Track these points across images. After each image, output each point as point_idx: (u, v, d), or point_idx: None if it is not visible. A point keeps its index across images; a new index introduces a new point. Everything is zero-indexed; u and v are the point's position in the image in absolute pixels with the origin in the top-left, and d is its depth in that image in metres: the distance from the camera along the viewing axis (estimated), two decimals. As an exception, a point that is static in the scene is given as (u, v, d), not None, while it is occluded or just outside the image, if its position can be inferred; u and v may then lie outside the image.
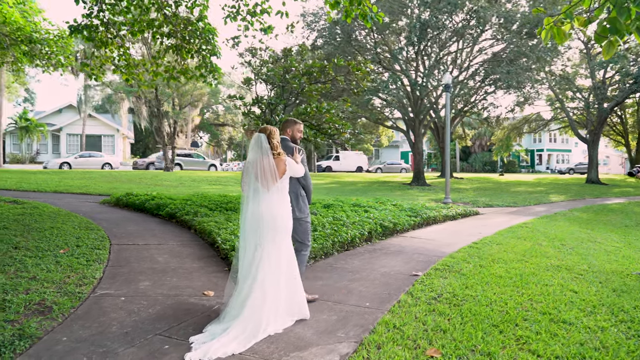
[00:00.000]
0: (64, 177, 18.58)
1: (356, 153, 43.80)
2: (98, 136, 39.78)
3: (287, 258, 3.75)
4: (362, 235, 7.29)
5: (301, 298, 3.78)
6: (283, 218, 3.75)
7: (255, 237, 3.66)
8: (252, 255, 3.63)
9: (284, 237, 3.75)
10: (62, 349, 3.11)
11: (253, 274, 3.58)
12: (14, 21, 12.14)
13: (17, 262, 4.99)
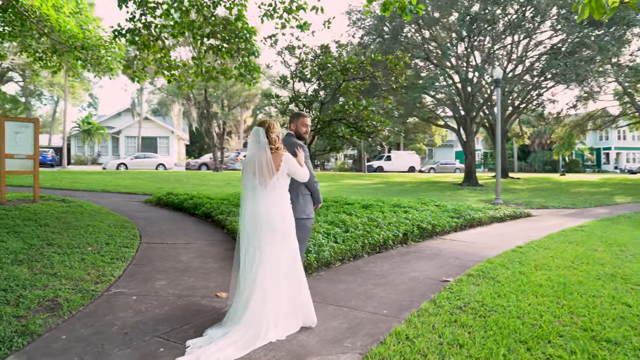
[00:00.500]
0: (116, 178, 19.42)
1: (408, 153, 42.91)
2: (154, 138, 41.51)
3: (289, 260, 3.52)
4: (396, 237, 6.94)
5: (306, 303, 3.54)
6: (282, 217, 3.53)
7: (254, 238, 3.46)
8: (252, 257, 3.44)
9: (283, 238, 3.52)
10: (58, 348, 3.06)
11: (253, 277, 3.39)
12: (69, 30, 12.72)
13: (46, 258, 5.11)
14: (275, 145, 3.58)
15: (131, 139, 41.02)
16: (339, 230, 6.58)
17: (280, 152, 3.57)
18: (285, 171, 3.55)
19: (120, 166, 30.69)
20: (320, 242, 5.87)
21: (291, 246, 3.56)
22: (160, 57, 11.07)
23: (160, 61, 11.08)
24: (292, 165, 3.60)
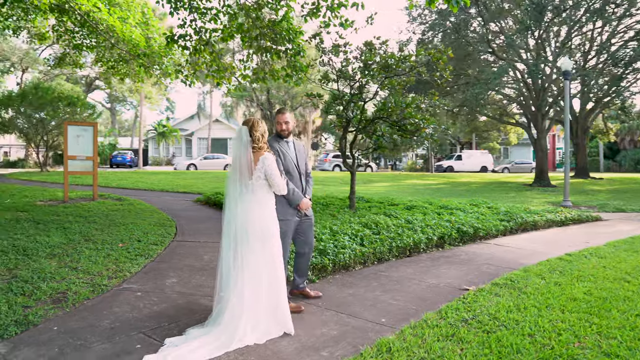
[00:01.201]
0: (178, 178, 20.39)
1: (481, 152, 40.97)
2: (224, 139, 43.20)
3: (269, 266, 3.40)
4: (430, 240, 6.57)
5: (285, 310, 3.39)
6: (261, 222, 3.41)
7: (235, 242, 3.38)
8: (232, 260, 3.37)
9: (263, 243, 3.40)
10: (44, 338, 3.19)
11: (233, 281, 3.32)
12: (133, 39, 13.50)
13: (77, 253, 5.41)
14: (258, 144, 3.48)
15: (203, 141, 43.03)
16: (368, 232, 6.35)
17: (262, 152, 3.47)
18: (261, 171, 3.43)
19: (190, 167, 32.29)
20: (344, 244, 5.68)
21: (272, 252, 3.43)
22: (210, 60, 11.41)
23: (211, 65, 11.42)
24: (269, 166, 3.44)
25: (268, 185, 3.49)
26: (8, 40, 18.73)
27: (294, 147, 4.10)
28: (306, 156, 4.22)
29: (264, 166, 3.41)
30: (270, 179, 3.44)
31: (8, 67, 23.25)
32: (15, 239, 5.88)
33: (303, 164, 4.14)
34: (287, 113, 4.06)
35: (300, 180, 4.07)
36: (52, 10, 11.88)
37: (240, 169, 3.44)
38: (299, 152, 4.12)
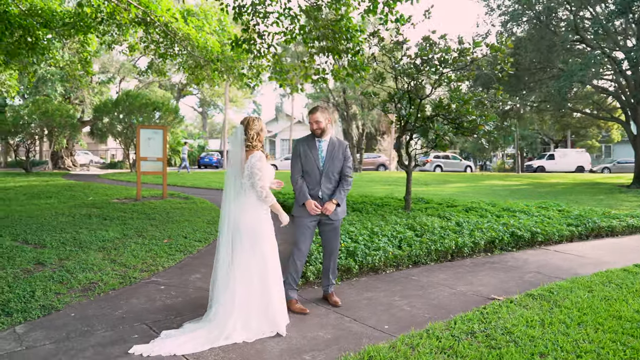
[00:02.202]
0: None
1: (576, 151, 37.55)
2: (307, 140, 44.04)
3: (260, 266, 3.38)
4: (477, 245, 6.14)
5: (275, 311, 3.35)
6: (253, 221, 3.40)
7: (229, 241, 3.42)
8: (225, 259, 3.41)
9: (254, 241, 3.39)
10: (59, 323, 3.48)
11: (226, 279, 3.36)
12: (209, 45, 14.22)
13: (123, 246, 5.84)
14: (252, 142, 3.48)
15: (285, 142, 44.25)
16: (410, 234, 6.11)
17: (252, 152, 3.46)
18: (248, 169, 3.41)
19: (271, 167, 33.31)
20: (378, 246, 5.51)
21: (262, 251, 3.41)
22: (273, 63, 11.70)
23: (275, 67, 11.70)
24: (252, 165, 3.40)
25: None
26: (107, 53, 20.78)
27: (327, 148, 4.02)
28: (344, 158, 4.07)
29: (250, 164, 3.41)
30: (251, 177, 3.42)
31: (109, 78, 25.92)
32: (79, 233, 6.48)
33: (332, 166, 4.00)
34: (317, 112, 3.97)
35: (319, 182, 3.97)
36: (139, 24, 12.90)
37: (235, 167, 3.47)
38: (331, 152, 4.00)
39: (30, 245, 5.77)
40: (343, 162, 4.08)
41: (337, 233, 4.10)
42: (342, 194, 4.02)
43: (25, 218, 7.54)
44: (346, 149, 4.13)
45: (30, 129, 17.51)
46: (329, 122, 4.07)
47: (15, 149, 18.78)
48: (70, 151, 24.33)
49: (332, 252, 4.11)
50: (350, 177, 4.12)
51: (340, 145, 4.11)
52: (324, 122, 3.99)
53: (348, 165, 4.11)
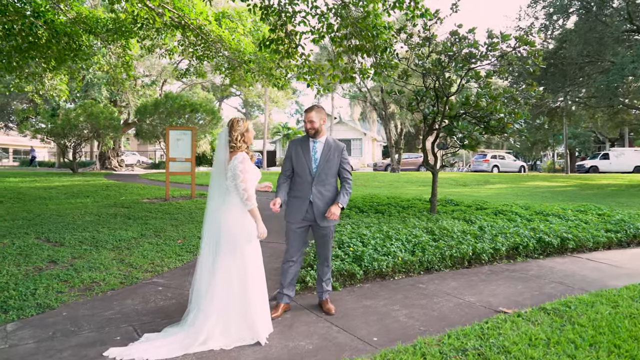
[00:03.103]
0: None
1: (635, 150, 35.14)
2: (347, 140, 43.78)
3: (240, 271, 3.27)
4: (497, 251, 5.78)
5: (254, 318, 3.23)
6: (234, 224, 3.30)
7: (210, 244, 3.35)
8: (206, 263, 3.34)
9: (235, 246, 3.29)
10: (49, 322, 3.53)
11: (205, 284, 3.29)
12: (242, 46, 14.34)
13: (137, 246, 5.93)
14: (236, 144, 3.39)
15: (326, 142, 44.13)
16: (426, 239, 5.84)
17: (237, 152, 3.36)
18: (231, 171, 3.31)
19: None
20: (388, 251, 5.29)
21: (243, 256, 3.30)
22: (301, 63, 11.63)
23: (303, 67, 11.64)
24: (234, 167, 3.29)
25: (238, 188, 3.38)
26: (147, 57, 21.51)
27: (322, 149, 3.88)
28: (340, 160, 3.91)
29: (232, 165, 3.31)
30: (234, 179, 3.31)
31: (152, 81, 26.85)
32: (99, 232, 6.65)
33: (326, 168, 3.84)
34: (312, 112, 3.83)
35: (311, 184, 3.82)
36: (177, 27, 13.18)
37: (219, 170, 3.40)
38: (326, 154, 3.85)
39: (51, 243, 5.97)
40: (339, 165, 3.91)
41: (328, 241, 3.93)
42: (346, 198, 3.87)
43: (55, 216, 7.85)
44: (342, 151, 3.95)
45: (78, 130, 18.44)
46: (324, 122, 3.92)
47: (65, 150, 19.85)
48: (116, 152, 25.42)
49: (324, 259, 3.96)
50: (350, 179, 3.98)
51: (336, 148, 3.93)
52: (318, 122, 3.85)
53: (346, 168, 3.95)
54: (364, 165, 42.25)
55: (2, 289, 4.15)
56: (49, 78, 15.69)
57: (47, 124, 19.51)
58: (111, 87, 22.10)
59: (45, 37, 11.29)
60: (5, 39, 10.79)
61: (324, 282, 3.99)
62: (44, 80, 15.70)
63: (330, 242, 3.96)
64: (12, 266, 4.84)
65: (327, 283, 4.02)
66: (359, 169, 34.43)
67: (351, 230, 6.41)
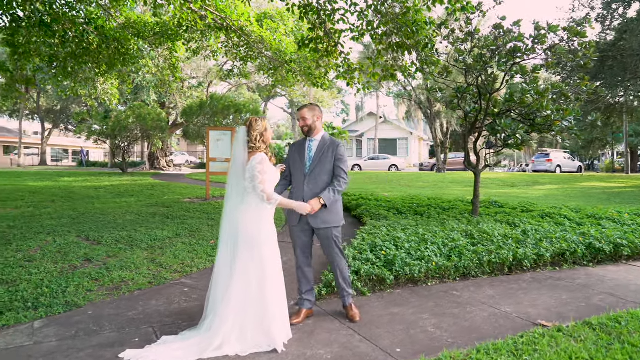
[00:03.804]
0: None
1: None
2: (393, 140, 43.17)
3: (257, 273, 3.18)
4: (541, 257, 5.40)
5: (271, 323, 3.12)
6: (252, 225, 3.22)
7: (228, 246, 3.27)
8: (224, 266, 3.26)
9: (252, 248, 3.20)
10: (74, 320, 3.59)
11: (222, 288, 3.22)
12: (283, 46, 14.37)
13: (170, 246, 6.00)
14: (255, 144, 3.30)
15: (372, 141, 43.76)
16: (464, 243, 5.55)
17: (255, 152, 3.28)
18: (249, 172, 3.22)
19: (354, 167, 33.13)
20: (422, 255, 5.06)
21: (261, 259, 3.21)
22: (341, 61, 11.51)
23: (343, 65, 11.52)
24: (253, 167, 3.20)
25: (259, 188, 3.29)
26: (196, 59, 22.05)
27: (317, 147, 3.75)
28: (335, 158, 3.72)
29: (250, 166, 3.23)
30: (252, 180, 3.22)
31: (199, 83, 27.56)
32: (136, 231, 6.80)
33: (320, 166, 3.67)
34: (305, 109, 3.71)
35: (303, 183, 3.68)
36: (220, 29, 13.39)
37: (237, 170, 3.33)
38: (319, 152, 3.71)
39: (89, 241, 6.15)
40: (333, 162, 3.69)
41: (330, 244, 3.71)
42: (331, 194, 3.59)
43: (98, 215, 8.13)
44: (337, 148, 3.71)
45: (127, 132, 19.21)
46: (318, 120, 3.74)
47: (115, 150, 20.75)
48: (165, 152, 26.30)
49: (332, 263, 3.79)
50: (342, 177, 3.69)
51: (331, 145, 3.72)
52: (310, 119, 3.69)
53: (340, 165, 3.70)
54: (409, 165, 41.53)
55: (37, 285, 4.28)
56: (101, 82, 16.37)
57: (100, 126, 20.47)
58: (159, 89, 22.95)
59: (96, 42, 11.76)
60: (61, 46, 11.33)
61: (343, 286, 3.81)
62: (97, 85, 16.41)
63: (332, 245, 3.72)
64: (50, 263, 5.01)
65: (347, 286, 3.81)
66: (404, 169, 33.81)
67: (386, 232, 6.20)
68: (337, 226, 3.73)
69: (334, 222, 3.69)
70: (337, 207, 3.73)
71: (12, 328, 3.44)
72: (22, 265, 4.90)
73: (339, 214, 3.75)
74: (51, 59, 11.16)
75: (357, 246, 5.36)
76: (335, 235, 3.71)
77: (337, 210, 3.72)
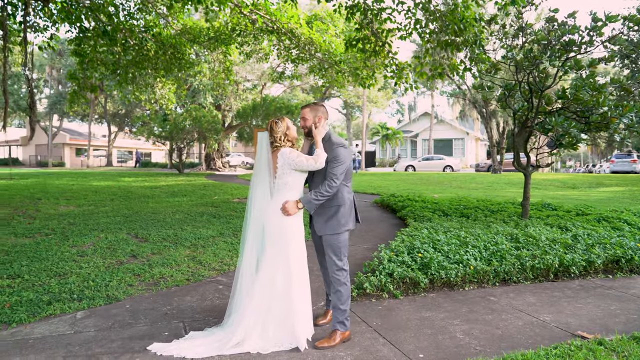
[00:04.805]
0: (379, 179, 20.74)
1: None
2: (448, 140, 42.04)
3: (283, 270, 3.20)
4: (591, 264, 5.07)
5: (294, 321, 3.14)
6: (280, 223, 3.25)
7: (253, 245, 3.34)
8: (249, 266, 3.32)
9: (279, 245, 3.24)
10: (112, 313, 3.79)
11: (247, 286, 3.28)
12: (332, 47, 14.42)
13: (212, 245, 6.19)
14: (280, 143, 3.36)
15: (427, 142, 42.86)
16: (508, 246, 5.31)
17: (280, 150, 3.32)
18: (284, 167, 3.27)
19: (408, 168, 32.58)
20: (460, 259, 4.90)
21: (287, 256, 3.24)
22: (388, 61, 11.42)
23: (391, 65, 11.42)
24: (290, 158, 3.26)
25: (291, 187, 3.33)
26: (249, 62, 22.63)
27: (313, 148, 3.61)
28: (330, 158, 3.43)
29: (286, 160, 3.29)
30: (300, 167, 3.28)
31: (254, 85, 28.24)
32: (182, 230, 7.08)
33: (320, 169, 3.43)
34: (307, 108, 3.55)
35: (310, 188, 3.55)
36: (271, 32, 13.68)
37: (261, 171, 3.39)
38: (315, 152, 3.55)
39: (138, 239, 6.48)
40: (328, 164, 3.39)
41: (328, 252, 3.42)
42: (311, 196, 3.31)
43: (149, 214, 8.54)
44: (334, 149, 3.39)
45: (184, 134, 20.06)
46: (319, 120, 3.49)
47: (172, 152, 21.72)
48: (220, 153, 27.19)
49: (328, 269, 3.45)
50: (331, 180, 3.32)
51: (329, 146, 3.44)
52: (311, 119, 3.49)
53: (330, 168, 3.35)
54: (466, 166, 40.30)
55: (84, 279, 4.57)
56: (160, 87, 17.19)
57: (161, 128, 21.53)
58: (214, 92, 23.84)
59: (153, 49, 12.38)
60: (123, 53, 12.04)
61: (333, 305, 3.40)
62: (155, 90, 17.25)
63: (329, 254, 3.40)
64: (99, 259, 5.33)
65: (334, 310, 3.38)
66: (459, 170, 32.83)
67: (427, 234, 6.05)
68: (334, 234, 3.39)
69: (330, 230, 3.39)
70: (336, 213, 3.41)
71: (57, 317, 3.70)
72: (74, 260, 5.25)
73: (339, 221, 3.40)
74: (114, 66, 11.87)
75: (394, 248, 5.27)
76: (332, 244, 3.39)
77: (337, 216, 3.40)
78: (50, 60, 39.33)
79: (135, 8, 12.32)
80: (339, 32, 15.16)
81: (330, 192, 3.32)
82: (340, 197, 3.44)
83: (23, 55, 10.61)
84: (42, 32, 11.84)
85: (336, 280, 3.37)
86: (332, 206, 3.42)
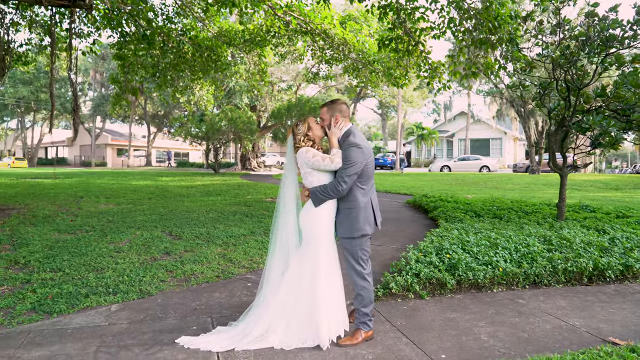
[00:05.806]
0: (413, 179, 20.50)
1: None
2: (486, 140, 41.09)
3: (311, 268, 3.26)
4: (628, 268, 4.88)
5: (319, 320, 3.18)
6: (311, 221, 3.31)
7: (282, 245, 3.44)
8: (276, 266, 3.42)
9: (308, 244, 3.31)
10: (144, 307, 3.96)
11: (273, 284, 3.37)
12: (366, 47, 14.41)
13: (242, 243, 6.34)
14: (301, 144, 3.42)
15: (463, 142, 42.05)
16: (539, 249, 5.18)
17: (301, 149, 3.38)
18: (304, 167, 3.34)
19: (443, 168, 32.07)
20: (489, 260, 4.83)
21: (316, 255, 3.28)
22: (421, 61, 11.33)
23: (424, 64, 11.34)
24: (306, 158, 3.29)
25: (312, 184, 3.37)
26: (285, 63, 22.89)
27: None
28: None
29: (302, 160, 3.35)
30: (317, 167, 3.28)
31: (289, 86, 28.53)
32: (215, 228, 7.27)
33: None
34: (324, 107, 3.54)
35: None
36: (305, 33, 13.80)
37: (289, 172, 3.50)
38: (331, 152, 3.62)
39: (172, 236, 6.70)
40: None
41: (345, 253, 3.39)
42: (317, 189, 3.27)
43: (184, 212, 8.81)
44: (346, 148, 3.29)
45: (219, 134, 20.50)
46: (337, 119, 3.42)
47: (209, 152, 22.24)
48: (256, 153, 27.62)
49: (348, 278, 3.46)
50: (338, 182, 3.23)
51: (345, 145, 3.33)
52: (327, 118, 3.46)
53: (342, 167, 3.28)
54: (503, 166, 39.30)
55: (119, 274, 4.78)
56: (197, 89, 17.62)
57: (197, 129, 22.10)
58: (250, 93, 24.26)
59: (190, 51, 12.74)
60: (162, 56, 12.46)
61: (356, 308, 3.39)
62: (194, 91, 17.70)
63: (347, 257, 3.37)
64: (135, 255, 5.56)
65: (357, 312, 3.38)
66: (496, 170, 32.05)
67: (457, 235, 5.98)
68: (348, 237, 3.32)
69: (343, 232, 3.34)
70: (347, 216, 3.33)
71: (93, 309, 3.90)
72: (111, 256, 5.50)
73: (352, 225, 3.30)
74: (154, 69, 12.28)
75: (422, 248, 5.24)
76: (347, 247, 3.35)
77: (349, 219, 3.31)
78: (94, 64, 41.08)
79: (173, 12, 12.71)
80: (372, 32, 15.14)
81: (335, 192, 3.25)
82: (353, 199, 3.32)
83: (68, 60, 11.14)
84: (86, 38, 12.41)
85: (355, 284, 3.35)
86: (344, 208, 3.35)
